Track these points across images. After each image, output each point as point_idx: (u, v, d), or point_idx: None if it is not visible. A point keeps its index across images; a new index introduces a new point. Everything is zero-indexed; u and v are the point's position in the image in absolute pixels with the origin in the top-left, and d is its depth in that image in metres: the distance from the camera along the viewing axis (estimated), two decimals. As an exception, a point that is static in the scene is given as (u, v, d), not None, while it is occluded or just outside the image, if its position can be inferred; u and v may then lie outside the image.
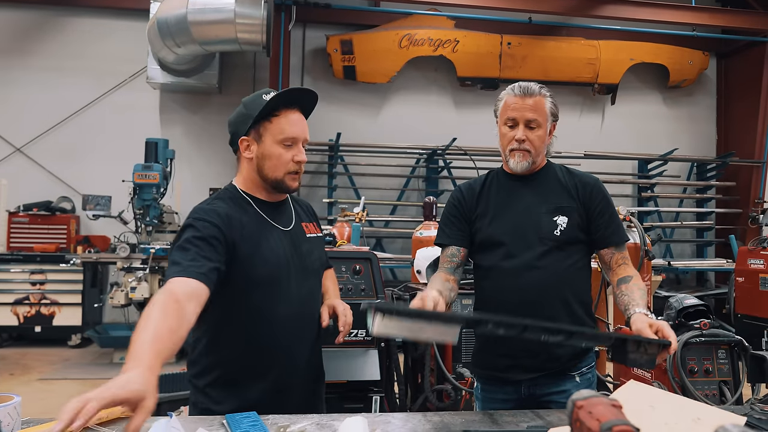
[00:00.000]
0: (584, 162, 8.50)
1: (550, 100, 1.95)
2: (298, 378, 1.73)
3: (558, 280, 1.89)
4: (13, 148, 8.08)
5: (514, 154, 1.92)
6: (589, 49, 8.67)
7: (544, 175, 2.00)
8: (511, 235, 1.91)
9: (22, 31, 8.20)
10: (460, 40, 8.37)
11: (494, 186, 2.02)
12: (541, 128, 1.93)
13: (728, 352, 2.76)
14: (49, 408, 4.68)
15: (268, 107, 1.67)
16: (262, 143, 1.71)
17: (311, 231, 1.87)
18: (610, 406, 0.74)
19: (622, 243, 1.97)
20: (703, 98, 9.61)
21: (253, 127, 1.70)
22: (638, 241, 4.06)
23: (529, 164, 1.93)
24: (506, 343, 1.86)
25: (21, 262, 7.23)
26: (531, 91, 1.91)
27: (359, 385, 2.88)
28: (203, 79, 8.04)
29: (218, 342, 1.69)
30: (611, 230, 1.94)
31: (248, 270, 1.63)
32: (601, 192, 1.97)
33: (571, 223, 1.90)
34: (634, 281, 1.88)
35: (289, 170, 1.73)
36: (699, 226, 8.99)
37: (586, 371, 1.94)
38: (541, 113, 1.92)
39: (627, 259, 1.96)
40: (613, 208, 1.98)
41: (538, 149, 1.94)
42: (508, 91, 1.95)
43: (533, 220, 1.91)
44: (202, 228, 1.58)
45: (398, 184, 8.60)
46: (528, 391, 1.92)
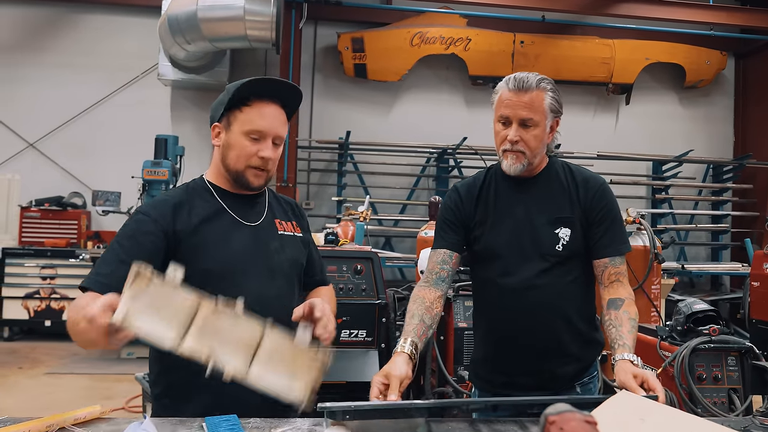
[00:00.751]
0: (597, 163, 8.38)
1: (550, 95, 1.73)
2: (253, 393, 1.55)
3: (559, 297, 1.75)
4: (26, 143, 8.15)
5: (507, 155, 1.75)
6: (603, 48, 8.54)
7: (545, 177, 1.82)
8: (510, 248, 1.76)
9: (35, 27, 8.27)
10: (473, 39, 8.29)
11: (493, 188, 1.85)
12: (538, 127, 1.72)
13: (738, 359, 2.68)
14: (54, 403, 4.72)
15: (240, 93, 1.57)
16: (230, 132, 1.60)
17: (287, 229, 1.71)
18: (584, 422, 0.69)
19: (618, 255, 1.78)
20: (721, 99, 9.44)
21: (224, 113, 1.60)
22: (648, 244, 3.98)
23: (523, 167, 1.76)
24: (503, 360, 1.81)
25: (32, 256, 7.28)
26: (527, 85, 1.70)
27: (359, 386, 2.84)
28: (214, 77, 8.04)
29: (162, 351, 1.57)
30: (609, 239, 1.76)
31: (193, 265, 1.45)
32: (605, 196, 1.79)
33: (573, 235, 1.75)
34: (625, 308, 1.69)
35: (252, 164, 1.59)
36: (714, 229, 8.83)
37: (587, 381, 1.84)
38: (538, 111, 1.71)
39: (622, 276, 1.77)
40: (616, 214, 1.80)
41: (534, 150, 1.75)
42: (504, 83, 1.75)
43: (533, 232, 1.76)
44: (137, 223, 1.53)
45: (408, 183, 8.55)
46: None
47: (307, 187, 8.42)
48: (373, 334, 2.94)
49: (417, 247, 4.10)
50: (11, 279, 7.22)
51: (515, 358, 1.77)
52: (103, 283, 1.40)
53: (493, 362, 1.84)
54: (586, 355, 1.82)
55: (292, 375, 1.07)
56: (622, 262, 1.78)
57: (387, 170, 8.36)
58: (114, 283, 1.36)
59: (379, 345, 2.94)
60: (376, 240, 8.20)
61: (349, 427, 1.26)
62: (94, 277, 1.45)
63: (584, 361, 1.82)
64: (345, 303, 2.89)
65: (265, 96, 1.60)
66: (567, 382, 1.79)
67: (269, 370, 1.08)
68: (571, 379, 1.80)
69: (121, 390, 5.22)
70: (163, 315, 1.08)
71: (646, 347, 3.01)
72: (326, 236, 3.38)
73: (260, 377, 1.07)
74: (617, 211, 1.81)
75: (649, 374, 1.49)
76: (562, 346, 1.77)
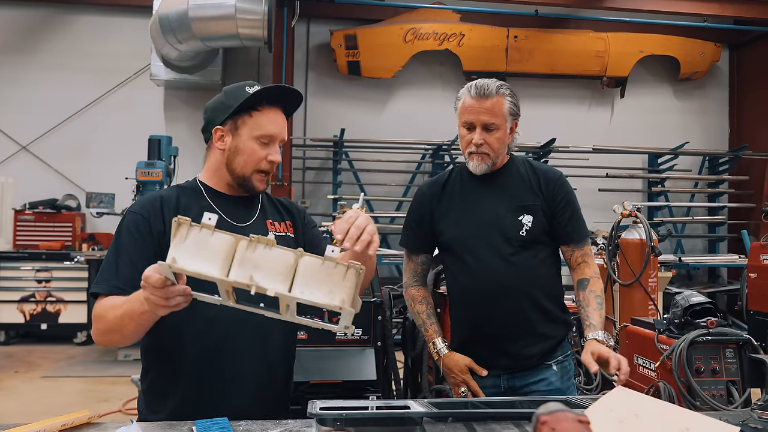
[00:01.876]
0: (593, 156, 8.38)
1: (509, 99, 1.90)
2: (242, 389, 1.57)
3: (526, 280, 1.90)
4: (19, 146, 8.10)
5: (473, 157, 1.91)
6: (597, 42, 8.52)
7: (507, 172, 1.98)
8: (476, 238, 1.92)
9: (26, 29, 8.21)
10: (466, 34, 8.26)
11: (458, 184, 2.01)
12: (499, 130, 1.89)
13: (736, 351, 2.67)
14: (50, 407, 4.69)
15: (250, 100, 1.59)
16: (238, 136, 1.61)
17: (278, 230, 1.72)
18: (576, 422, 0.66)
19: (581, 240, 1.97)
20: (715, 91, 9.43)
21: (230, 118, 1.61)
22: (644, 237, 3.96)
23: (488, 167, 1.93)
24: (478, 343, 1.96)
25: (27, 259, 7.24)
26: (488, 92, 1.86)
27: (355, 385, 2.82)
28: (207, 76, 8.00)
29: (151, 344, 1.61)
30: (571, 227, 1.95)
31: None
32: (564, 188, 1.96)
33: (536, 222, 1.91)
34: (590, 287, 1.90)
35: (260, 168, 1.63)
36: (711, 221, 8.83)
37: (562, 359, 1.97)
38: (498, 115, 1.88)
39: (587, 256, 1.97)
40: (575, 204, 1.98)
41: (497, 151, 1.91)
42: (465, 90, 1.91)
43: (498, 221, 1.91)
44: (131, 222, 1.57)
45: (404, 180, 8.52)
46: (507, 384, 1.95)
47: (302, 185, 8.39)
48: (369, 332, 2.92)
49: (412, 243, 4.07)
50: (6, 283, 7.18)
51: (489, 340, 1.92)
52: (113, 286, 1.48)
53: (470, 347, 1.97)
54: (554, 333, 1.96)
55: (330, 291, 1.17)
56: (585, 246, 1.98)
57: (382, 167, 8.34)
58: (122, 284, 1.47)
59: (376, 343, 2.92)
60: (373, 237, 8.17)
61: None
62: (103, 282, 1.50)
63: (553, 339, 1.96)
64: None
65: (273, 101, 1.63)
66: (541, 360, 1.93)
67: (307, 288, 1.18)
68: (544, 357, 1.94)
69: (117, 393, 5.19)
70: (205, 255, 1.17)
71: (643, 340, 2.99)
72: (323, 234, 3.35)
73: (300, 295, 1.17)
74: (576, 202, 2.00)
75: (604, 349, 1.67)
76: (531, 325, 1.91)
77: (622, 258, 4.11)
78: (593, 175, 8.28)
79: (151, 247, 1.53)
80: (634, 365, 3.10)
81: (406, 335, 3.44)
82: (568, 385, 2.00)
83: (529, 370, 1.90)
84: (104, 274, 1.52)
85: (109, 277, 1.50)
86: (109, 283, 1.49)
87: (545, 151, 8.16)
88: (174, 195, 1.63)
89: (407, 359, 3.45)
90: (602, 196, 8.13)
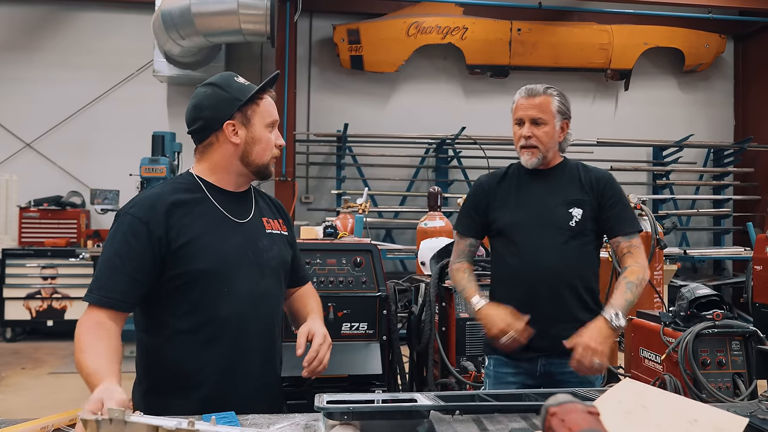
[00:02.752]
0: (597, 149, 8.34)
1: (557, 99, 2.09)
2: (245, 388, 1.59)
3: (570, 267, 2.05)
4: (23, 143, 8.12)
5: (523, 151, 2.09)
6: (601, 34, 8.48)
7: (560, 170, 2.15)
8: (529, 225, 2.07)
9: (29, 27, 8.22)
10: (469, 27, 8.23)
11: (514, 178, 2.17)
12: (547, 125, 2.07)
13: (742, 343, 2.66)
14: (57, 402, 4.71)
15: (260, 91, 1.60)
16: (251, 126, 1.59)
17: (274, 227, 1.71)
18: (586, 413, 0.66)
19: (630, 233, 2.08)
20: (720, 82, 9.38)
21: (239, 110, 1.58)
22: (649, 230, 3.95)
23: (539, 160, 2.08)
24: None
25: (32, 256, 7.27)
26: (536, 92, 2.08)
27: (361, 380, 2.82)
28: (210, 72, 7.96)
29: (151, 347, 1.59)
30: (620, 220, 2.08)
31: (185, 262, 1.51)
32: (614, 185, 2.12)
33: (585, 214, 2.06)
34: (626, 273, 2.02)
35: (274, 154, 1.66)
36: (716, 213, 8.80)
37: None
38: (546, 111, 2.07)
39: (633, 248, 2.07)
40: (624, 199, 2.11)
41: (546, 144, 2.07)
42: (518, 94, 2.13)
43: (550, 211, 2.07)
44: (128, 227, 1.51)
45: (407, 175, 8.52)
46: (543, 369, 2.07)
47: (306, 180, 8.39)
48: (374, 326, 2.92)
49: (417, 238, 4.08)
50: (12, 280, 7.21)
51: (531, 320, 1.99)
52: (106, 297, 1.47)
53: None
54: (586, 321, 2.01)
55: None
56: (633, 238, 2.08)
57: (386, 162, 8.33)
58: (116, 295, 1.47)
59: (381, 337, 2.91)
60: (377, 232, 8.17)
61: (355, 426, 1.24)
62: (96, 292, 1.48)
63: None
64: (345, 296, 2.86)
65: (267, 86, 1.66)
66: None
67: None
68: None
69: (123, 388, 5.22)
70: None
71: (649, 333, 2.99)
72: (325, 229, 3.35)
73: None
74: (625, 198, 2.13)
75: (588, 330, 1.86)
76: (570, 310, 2.04)
77: (627, 251, 4.10)
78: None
79: (149, 255, 1.49)
80: (640, 358, 3.09)
81: (411, 329, 3.44)
82: (599, 376, 2.10)
83: (564, 356, 1.95)
84: (98, 282, 1.49)
85: (102, 285, 1.48)
86: (100, 293, 1.47)
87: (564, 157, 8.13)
88: (173, 194, 1.57)
89: (412, 353, 3.46)
90: (607, 190, 8.09)
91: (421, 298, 3.42)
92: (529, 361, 2.07)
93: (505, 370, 2.13)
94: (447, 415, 1.34)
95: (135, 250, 1.49)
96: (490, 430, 1.29)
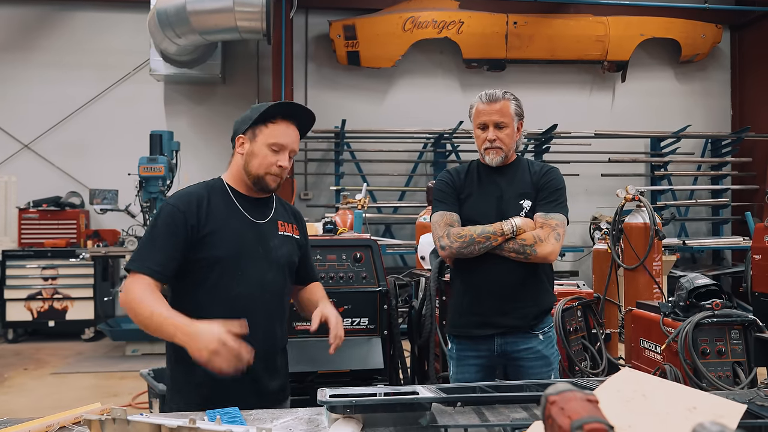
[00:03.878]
0: (595, 142, 8.35)
1: (514, 103, 2.31)
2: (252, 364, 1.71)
3: None
4: (21, 144, 8.11)
5: (488, 152, 2.31)
6: (597, 26, 8.46)
7: (515, 167, 2.38)
8: (486, 216, 2.29)
9: (24, 27, 8.20)
10: (465, 21, 8.22)
11: (475, 172, 2.40)
12: (508, 127, 2.30)
13: (741, 332, 2.68)
14: (60, 402, 4.73)
15: (267, 113, 1.87)
16: (254, 142, 1.88)
17: (287, 230, 2.00)
18: (585, 401, 0.67)
19: (548, 212, 2.26)
20: (717, 72, 9.37)
21: (251, 127, 1.88)
22: (648, 221, 3.96)
23: (502, 159, 2.32)
24: (479, 303, 2.30)
25: (33, 257, 7.27)
26: (496, 97, 2.29)
27: (363, 374, 2.84)
28: (206, 70, 7.99)
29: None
30: (544, 201, 2.28)
31: (209, 248, 1.82)
32: (550, 174, 2.34)
33: (533, 206, 2.30)
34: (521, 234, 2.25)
35: (271, 172, 1.88)
36: (714, 203, 8.81)
37: (547, 330, 2.34)
38: (506, 115, 2.29)
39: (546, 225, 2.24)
40: (557, 187, 2.31)
41: (508, 145, 2.31)
42: (477, 99, 2.33)
43: (504, 204, 2.31)
44: (169, 214, 1.81)
45: (406, 170, 8.52)
46: (500, 349, 2.29)
47: (304, 177, 8.39)
48: (375, 321, 2.93)
49: (416, 232, 4.09)
50: (13, 281, 7.22)
51: (489, 299, 2.27)
52: (147, 267, 1.75)
53: (470, 308, 2.33)
54: (543, 301, 2.33)
55: None
56: (550, 216, 2.26)
57: (384, 157, 8.33)
58: (156, 266, 1.75)
59: (382, 332, 2.92)
60: (377, 228, 8.18)
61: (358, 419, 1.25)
62: (138, 260, 1.77)
63: (541, 306, 2.32)
64: (346, 291, 2.88)
65: (287, 116, 1.91)
66: (529, 323, 2.28)
67: None
68: (533, 321, 2.29)
69: (126, 387, 5.23)
70: None
71: (649, 324, 3.00)
72: (324, 225, 3.36)
73: None
74: (560, 187, 2.32)
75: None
76: (525, 288, 2.28)
77: (626, 242, 4.11)
78: (595, 160, 8.26)
79: (183, 239, 1.79)
80: (640, 348, 3.11)
81: (412, 324, 3.45)
82: (552, 351, 2.34)
83: (519, 333, 2.27)
84: (141, 254, 1.78)
85: (144, 257, 1.77)
86: (143, 263, 1.75)
87: (547, 138, 8.14)
88: (206, 194, 1.88)
89: (414, 348, 3.47)
90: (605, 181, 8.11)
91: (422, 292, 3.43)
92: (487, 340, 2.29)
93: (467, 353, 2.34)
94: (448, 407, 1.35)
95: (173, 232, 1.79)
96: (491, 420, 1.30)
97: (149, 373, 3.74)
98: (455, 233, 2.28)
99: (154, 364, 3.97)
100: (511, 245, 2.22)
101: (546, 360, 2.30)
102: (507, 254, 2.24)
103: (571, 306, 3.58)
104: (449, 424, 1.28)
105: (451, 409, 1.35)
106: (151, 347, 6.33)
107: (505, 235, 2.23)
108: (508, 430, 1.09)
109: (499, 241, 2.23)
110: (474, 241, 2.24)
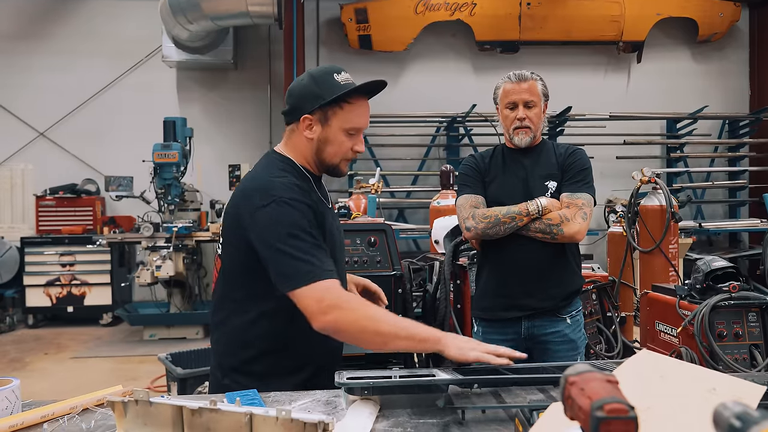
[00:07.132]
0: (610, 124, 8.25)
1: (540, 83, 2.34)
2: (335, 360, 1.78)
3: None
4: (37, 132, 8.19)
5: (518, 132, 2.30)
6: (612, 6, 8.32)
7: (540, 149, 2.39)
8: (513, 198, 2.28)
9: (37, 15, 8.24)
10: (478, 3, 8.12)
11: (500, 157, 2.42)
12: (536, 107, 2.31)
13: (759, 315, 2.65)
14: (81, 385, 4.82)
15: (345, 95, 1.62)
16: (328, 127, 1.66)
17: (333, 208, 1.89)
18: (605, 382, 0.67)
19: (575, 191, 2.27)
20: (735, 52, 9.19)
21: (320, 108, 1.63)
22: (664, 203, 3.92)
23: (531, 139, 2.32)
24: (506, 285, 2.31)
25: (50, 244, 7.39)
26: (524, 76, 2.31)
27: (378, 358, 2.85)
28: (218, 56, 7.99)
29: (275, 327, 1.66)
30: (570, 181, 2.29)
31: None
32: (578, 155, 2.35)
33: (558, 187, 2.31)
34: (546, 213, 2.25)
35: (347, 158, 1.72)
36: (731, 185, 8.68)
37: (575, 314, 2.35)
38: (535, 94, 2.30)
39: (572, 205, 2.24)
40: (583, 167, 2.31)
41: (537, 125, 2.32)
42: (505, 79, 2.35)
43: (530, 185, 2.31)
44: (299, 211, 1.58)
45: (419, 154, 8.49)
46: (527, 332, 2.29)
47: (317, 162, 8.38)
48: (390, 305, 2.94)
49: (430, 217, 4.08)
50: (32, 267, 7.34)
51: (517, 281, 2.28)
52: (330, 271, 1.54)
53: (497, 290, 2.33)
54: (570, 282, 2.34)
55: None
56: (576, 196, 2.26)
57: (397, 142, 8.30)
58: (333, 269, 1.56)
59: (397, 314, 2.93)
60: (390, 212, 8.18)
61: (375, 401, 1.26)
62: (320, 270, 1.53)
63: (567, 288, 2.33)
64: (360, 276, 2.88)
65: (363, 93, 1.69)
66: (557, 304, 2.29)
67: None
68: (560, 304, 2.29)
69: (145, 371, 5.32)
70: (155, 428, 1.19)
71: (665, 307, 2.98)
72: (338, 210, 3.36)
73: None
74: (585, 168, 2.33)
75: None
76: (552, 269, 2.28)
77: (641, 225, 4.08)
78: (611, 142, 8.17)
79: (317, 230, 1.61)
80: (655, 331, 3.09)
81: (426, 308, 3.46)
82: (579, 335, 2.34)
83: (546, 317, 2.26)
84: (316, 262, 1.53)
85: (323, 264, 1.54)
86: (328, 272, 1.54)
87: (561, 120, 8.06)
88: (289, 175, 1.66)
89: (428, 331, 3.48)
90: (620, 164, 8.03)
91: (436, 276, 3.43)
92: (514, 323, 2.28)
93: (493, 336, 2.29)
94: (465, 389, 1.36)
95: (315, 228, 1.60)
96: (508, 402, 1.31)
97: (167, 357, 3.80)
98: (480, 214, 2.26)
99: (171, 349, 4.03)
100: (537, 225, 2.20)
101: (573, 344, 2.30)
102: (533, 234, 2.21)
103: (586, 289, 3.56)
104: (466, 405, 1.29)
105: (468, 391, 1.36)
106: (168, 332, 6.41)
107: (530, 215, 2.21)
108: (525, 411, 1.09)
109: (524, 221, 2.21)
110: (499, 221, 2.22)
